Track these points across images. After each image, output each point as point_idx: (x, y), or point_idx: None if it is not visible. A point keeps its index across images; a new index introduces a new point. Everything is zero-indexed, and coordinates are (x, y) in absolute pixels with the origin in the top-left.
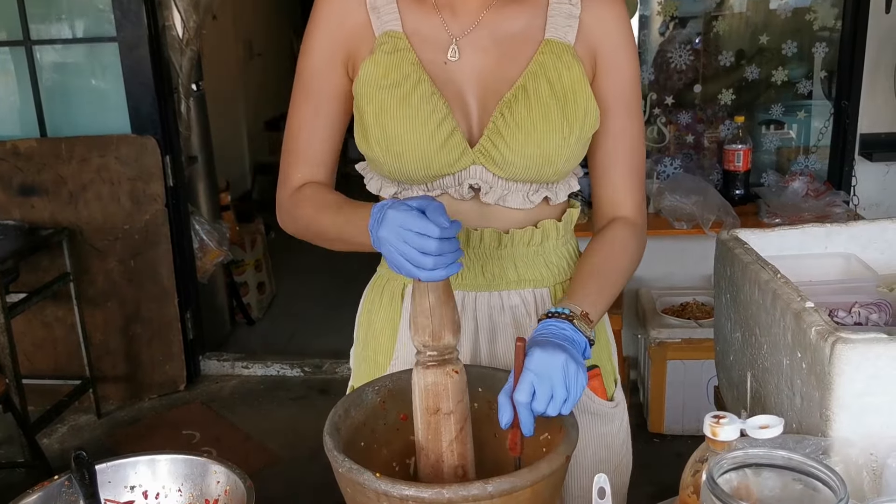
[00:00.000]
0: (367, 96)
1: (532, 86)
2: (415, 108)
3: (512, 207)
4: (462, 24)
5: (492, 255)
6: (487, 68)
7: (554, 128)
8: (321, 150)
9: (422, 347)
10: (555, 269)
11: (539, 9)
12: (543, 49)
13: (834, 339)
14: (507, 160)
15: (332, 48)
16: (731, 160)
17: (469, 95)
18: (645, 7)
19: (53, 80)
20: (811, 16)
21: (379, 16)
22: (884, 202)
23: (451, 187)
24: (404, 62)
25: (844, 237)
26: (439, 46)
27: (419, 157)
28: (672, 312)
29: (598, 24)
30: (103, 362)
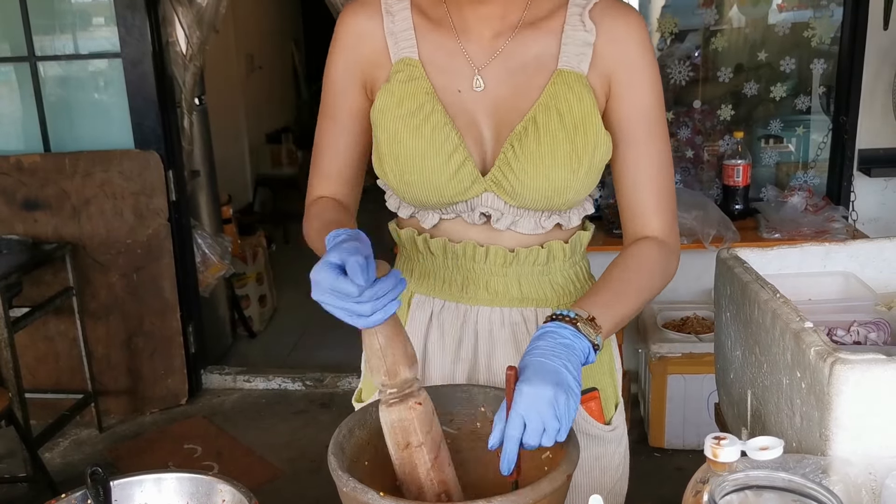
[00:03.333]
0: (381, 125)
1: (542, 118)
2: (427, 137)
3: (523, 233)
4: (482, 52)
5: (497, 271)
6: (501, 98)
7: (563, 162)
8: (341, 165)
9: (381, 387)
10: (560, 289)
11: (553, 36)
12: (556, 79)
13: (833, 360)
14: (517, 191)
15: (350, 69)
16: (730, 175)
17: (482, 124)
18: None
19: (57, 95)
20: (809, 32)
21: (396, 41)
22: (882, 217)
23: (464, 212)
24: (419, 91)
25: (843, 256)
26: (456, 75)
27: (431, 185)
28: (673, 327)
29: (614, 49)
30: (105, 376)
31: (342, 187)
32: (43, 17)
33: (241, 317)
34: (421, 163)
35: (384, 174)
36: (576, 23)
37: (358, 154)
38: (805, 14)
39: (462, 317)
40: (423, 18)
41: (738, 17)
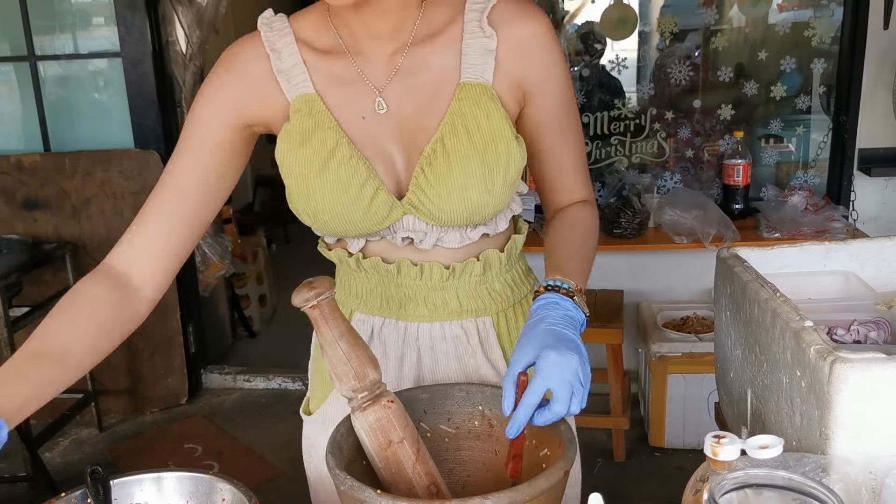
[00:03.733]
0: (287, 167)
1: (450, 139)
2: (334, 174)
3: (451, 248)
4: (380, 72)
5: (434, 286)
6: (406, 119)
7: (476, 182)
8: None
9: (352, 393)
10: (497, 297)
11: (453, 47)
12: (460, 94)
13: (833, 359)
14: (435, 214)
15: (228, 111)
16: (730, 175)
17: (392, 148)
18: (644, 23)
19: (57, 94)
20: (810, 31)
21: (288, 79)
22: (882, 216)
23: (388, 236)
24: (320, 127)
25: (843, 255)
26: (356, 101)
27: (346, 221)
28: (673, 326)
29: (519, 53)
30: (105, 376)
31: (153, 257)
32: (43, 16)
33: (241, 316)
34: (332, 200)
35: (297, 214)
36: (474, 30)
37: (200, 209)
38: (805, 14)
39: (403, 333)
40: (310, 50)
41: (739, 16)
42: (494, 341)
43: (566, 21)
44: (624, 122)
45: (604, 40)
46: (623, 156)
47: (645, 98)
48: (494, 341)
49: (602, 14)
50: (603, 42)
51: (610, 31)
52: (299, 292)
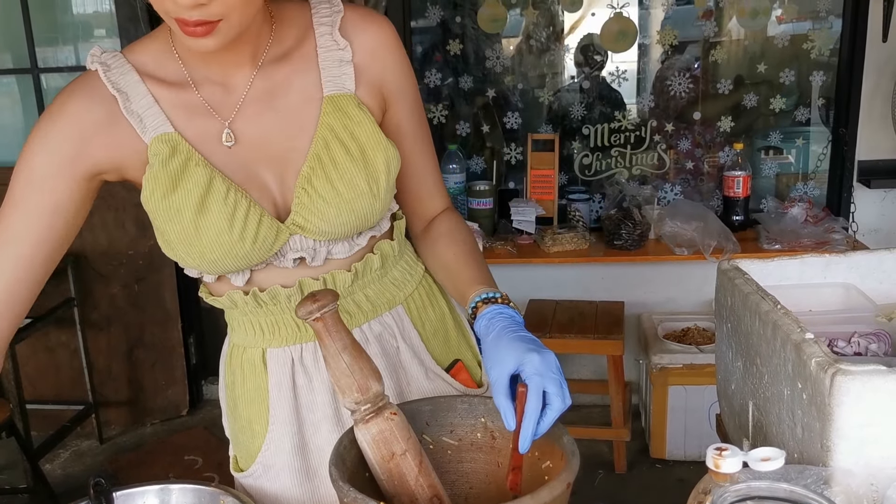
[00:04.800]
0: (161, 214)
1: (326, 154)
2: (215, 213)
3: (340, 258)
4: (231, 102)
5: (343, 293)
6: (275, 142)
7: (361, 192)
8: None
9: (354, 406)
10: (400, 284)
11: (309, 63)
12: (326, 108)
13: (834, 371)
14: (324, 229)
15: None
16: (730, 186)
17: (265, 172)
18: (644, 35)
19: None
20: (808, 44)
21: (142, 121)
22: (882, 228)
23: (275, 261)
24: (188, 165)
25: (843, 267)
26: (216, 134)
27: (236, 256)
28: (673, 338)
29: (374, 60)
30: (106, 387)
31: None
32: (45, 29)
33: None
34: (218, 239)
35: (181, 260)
36: (328, 43)
37: (50, 258)
38: (804, 26)
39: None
40: (160, 85)
41: (738, 28)
42: (411, 328)
43: (566, 33)
44: (624, 133)
45: (604, 52)
46: (623, 167)
47: (645, 110)
48: (411, 328)
49: (602, 27)
50: (603, 54)
51: (610, 44)
52: (303, 305)
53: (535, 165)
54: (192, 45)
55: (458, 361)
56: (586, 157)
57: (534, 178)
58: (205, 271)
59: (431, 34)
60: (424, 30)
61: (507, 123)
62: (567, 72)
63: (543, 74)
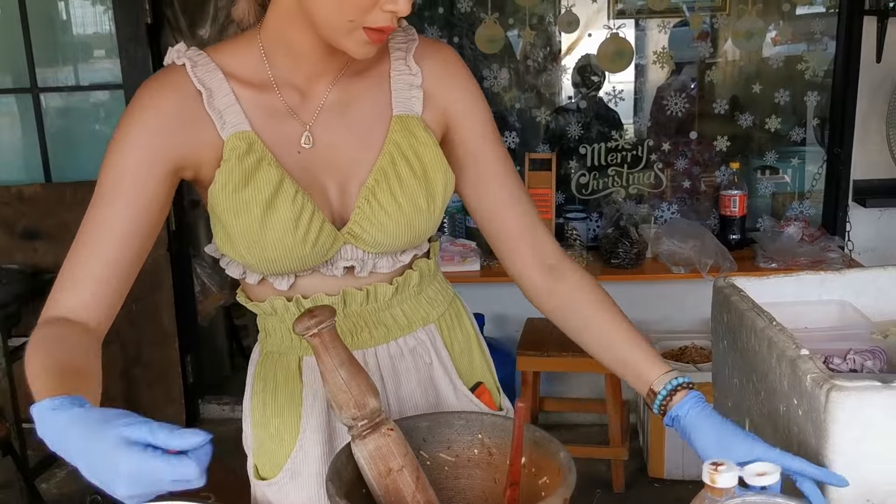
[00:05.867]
0: (229, 208)
1: (392, 169)
2: (282, 213)
3: (383, 272)
4: (310, 107)
5: (381, 307)
6: (342, 152)
7: (420, 208)
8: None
9: (351, 421)
10: (434, 302)
11: (382, 83)
12: (395, 127)
13: (829, 387)
14: (379, 241)
15: (157, 154)
16: (727, 205)
17: (327, 180)
18: (641, 56)
19: (59, 126)
20: (803, 65)
21: (222, 117)
22: (878, 247)
23: (323, 268)
24: (261, 164)
25: (838, 284)
26: (292, 137)
27: (293, 258)
28: (671, 356)
29: (441, 85)
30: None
31: (102, 302)
32: (46, 49)
33: (239, 347)
34: (282, 239)
35: (239, 256)
36: (401, 68)
37: (138, 253)
38: (799, 47)
39: (361, 362)
40: (242, 86)
41: (733, 50)
42: (442, 346)
43: (563, 54)
44: (621, 153)
45: (601, 73)
46: (620, 186)
47: (642, 129)
48: (442, 346)
49: (598, 47)
50: (600, 74)
51: (606, 64)
52: (301, 321)
53: (532, 184)
54: (364, 52)
55: (481, 384)
56: (583, 176)
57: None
58: (257, 270)
59: None
60: None
61: (505, 143)
62: (564, 92)
63: (541, 94)
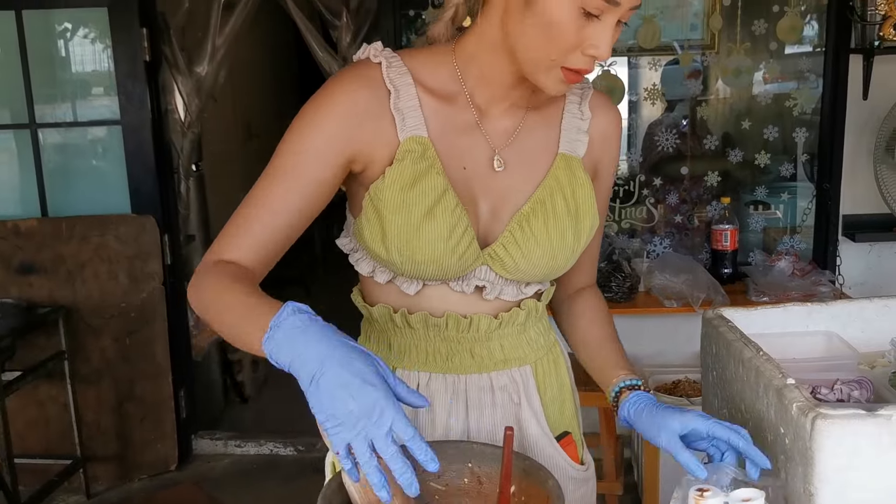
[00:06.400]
0: (391, 205)
1: (549, 201)
2: (439, 220)
3: (505, 300)
4: (498, 133)
5: (481, 337)
6: (505, 177)
7: (567, 244)
8: (276, 237)
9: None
10: (535, 345)
11: (554, 120)
12: (559, 163)
13: (814, 415)
14: (519, 267)
15: (340, 139)
16: (718, 240)
17: (481, 200)
18: (633, 93)
19: (56, 161)
20: (791, 102)
21: (403, 118)
22: (869, 281)
23: (454, 283)
24: (430, 171)
25: (825, 316)
26: (467, 152)
27: (438, 266)
28: (664, 390)
29: (602, 139)
30: (95, 441)
31: (260, 261)
32: (45, 85)
33: (233, 382)
34: (434, 245)
35: (387, 252)
36: (574, 111)
37: (296, 229)
38: (788, 85)
39: (451, 386)
40: (427, 94)
41: (724, 87)
42: (534, 389)
43: None
44: (613, 188)
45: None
46: (613, 221)
47: (634, 165)
48: (534, 389)
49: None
50: None
51: None
52: None
53: None
54: (559, 90)
55: (569, 434)
56: None
57: None
58: (399, 270)
59: None
60: None
61: None
62: None
63: None
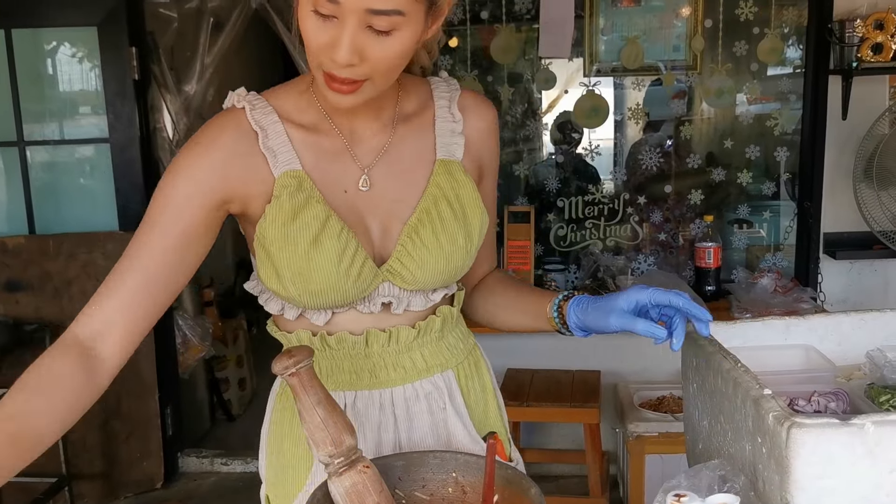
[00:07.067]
0: (277, 241)
1: (434, 209)
2: (327, 247)
3: (415, 311)
4: (366, 151)
5: (402, 349)
6: (388, 193)
7: (460, 247)
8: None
9: (328, 459)
10: (455, 350)
11: (427, 128)
12: (438, 169)
13: (790, 424)
14: (418, 278)
15: (209, 185)
16: (702, 258)
17: (370, 219)
18: (618, 112)
19: (43, 179)
20: (772, 122)
21: (275, 156)
22: (850, 298)
23: (360, 305)
24: (310, 201)
25: (803, 329)
26: (340, 176)
27: (337, 291)
28: (649, 406)
29: (479, 136)
30: (80, 459)
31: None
32: (33, 103)
33: (219, 400)
34: (327, 273)
35: (284, 289)
36: (445, 115)
37: (175, 278)
38: (770, 106)
39: (378, 402)
40: (295, 128)
41: (707, 107)
42: (458, 393)
43: (544, 111)
44: (598, 206)
45: (581, 129)
46: (598, 239)
47: (619, 184)
48: (458, 393)
49: (575, 103)
50: (580, 131)
51: (583, 120)
52: (279, 360)
53: (511, 237)
54: (333, 99)
55: (494, 433)
56: (561, 228)
57: (510, 249)
58: (300, 303)
59: None
60: None
61: None
62: (545, 147)
63: (520, 150)
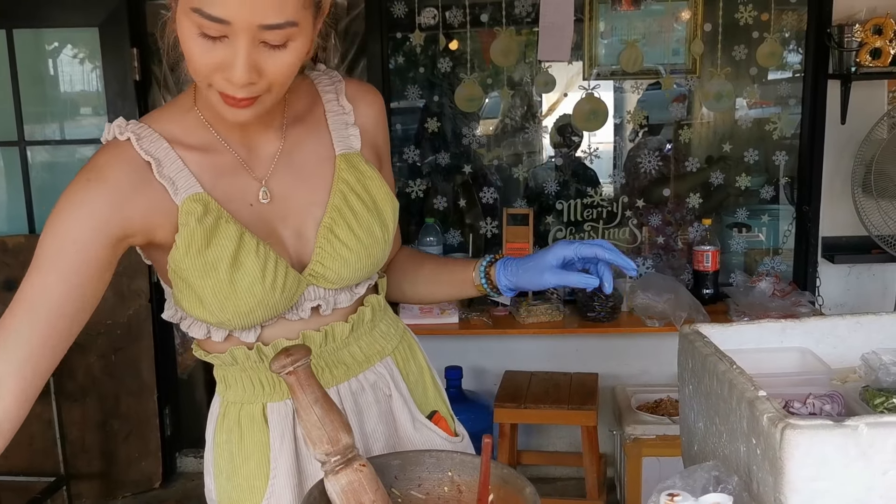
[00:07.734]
0: (195, 271)
1: (345, 205)
2: (248, 265)
3: (343, 307)
4: (261, 162)
5: (339, 346)
6: (295, 198)
7: (377, 238)
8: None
9: (325, 457)
10: (388, 336)
11: (320, 125)
12: (340, 164)
13: (784, 425)
14: (342, 276)
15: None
16: (700, 261)
17: (283, 228)
18: (618, 116)
19: (44, 178)
20: (771, 126)
21: (173, 183)
22: (848, 302)
23: (289, 314)
24: (220, 222)
25: (799, 332)
26: (245, 192)
27: (265, 307)
28: (646, 409)
29: (372, 123)
30: (79, 459)
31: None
32: (34, 104)
33: None
34: (252, 290)
35: (211, 315)
36: (335, 108)
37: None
38: (770, 110)
39: None
40: (187, 151)
41: (706, 111)
42: (399, 377)
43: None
44: (597, 209)
45: (580, 132)
46: None
47: (618, 187)
48: (399, 377)
49: (574, 106)
50: (580, 134)
51: (582, 123)
52: (277, 359)
53: (510, 239)
54: (230, 115)
55: (436, 412)
56: (560, 231)
57: (509, 252)
58: (229, 325)
59: (410, 113)
60: (404, 109)
61: (484, 198)
62: (545, 150)
63: (520, 153)
